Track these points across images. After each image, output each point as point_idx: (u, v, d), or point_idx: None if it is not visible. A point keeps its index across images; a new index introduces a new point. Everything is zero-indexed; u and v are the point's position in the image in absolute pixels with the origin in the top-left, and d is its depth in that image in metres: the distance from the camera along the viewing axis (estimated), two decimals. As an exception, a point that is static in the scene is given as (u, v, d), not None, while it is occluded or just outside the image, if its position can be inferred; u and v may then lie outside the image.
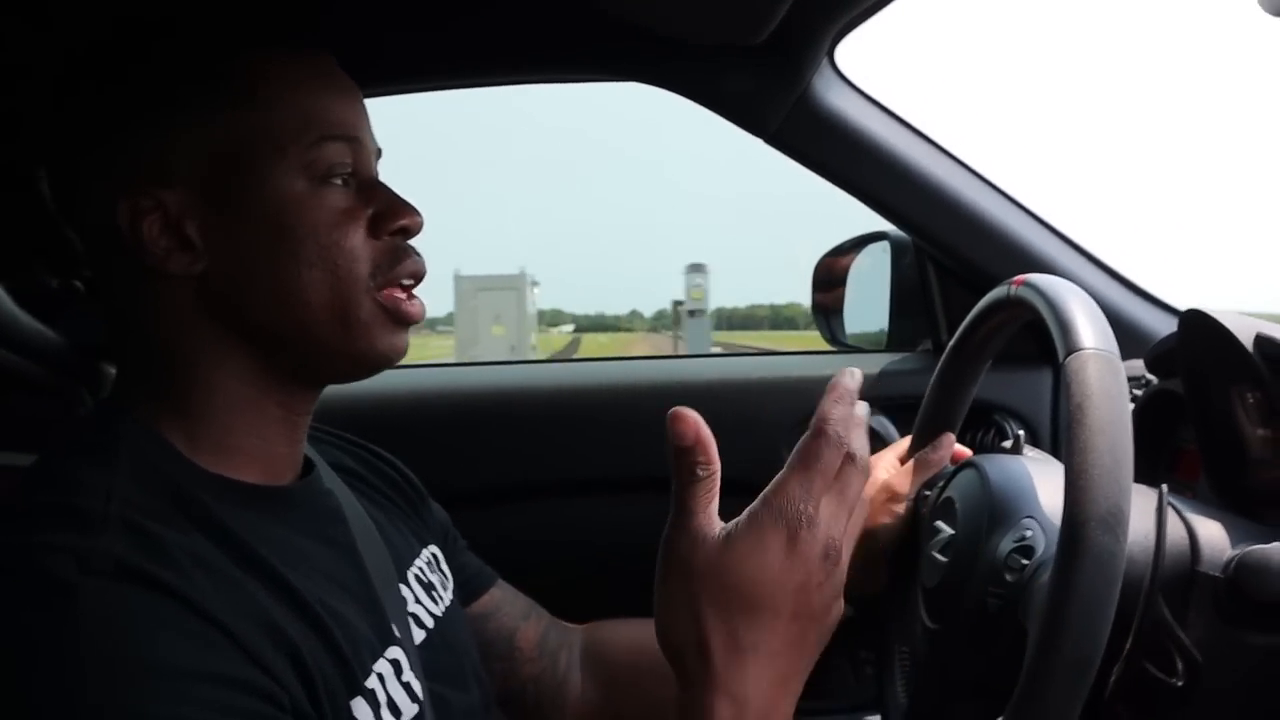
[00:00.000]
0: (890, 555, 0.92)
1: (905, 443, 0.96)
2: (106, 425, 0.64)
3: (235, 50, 0.66)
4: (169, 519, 0.58)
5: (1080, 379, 0.61)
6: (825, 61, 1.07)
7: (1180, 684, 0.64)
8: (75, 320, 1.18)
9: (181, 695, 0.52)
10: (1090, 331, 0.64)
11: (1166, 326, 1.07)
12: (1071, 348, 0.63)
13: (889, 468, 0.95)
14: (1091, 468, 0.58)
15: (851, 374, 0.59)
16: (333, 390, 0.70)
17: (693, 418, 0.55)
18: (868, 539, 0.93)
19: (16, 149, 0.97)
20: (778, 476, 0.57)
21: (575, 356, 1.42)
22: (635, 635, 0.96)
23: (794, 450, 0.57)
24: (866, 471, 0.59)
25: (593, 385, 1.33)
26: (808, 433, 0.57)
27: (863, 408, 0.60)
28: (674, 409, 0.56)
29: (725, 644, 0.55)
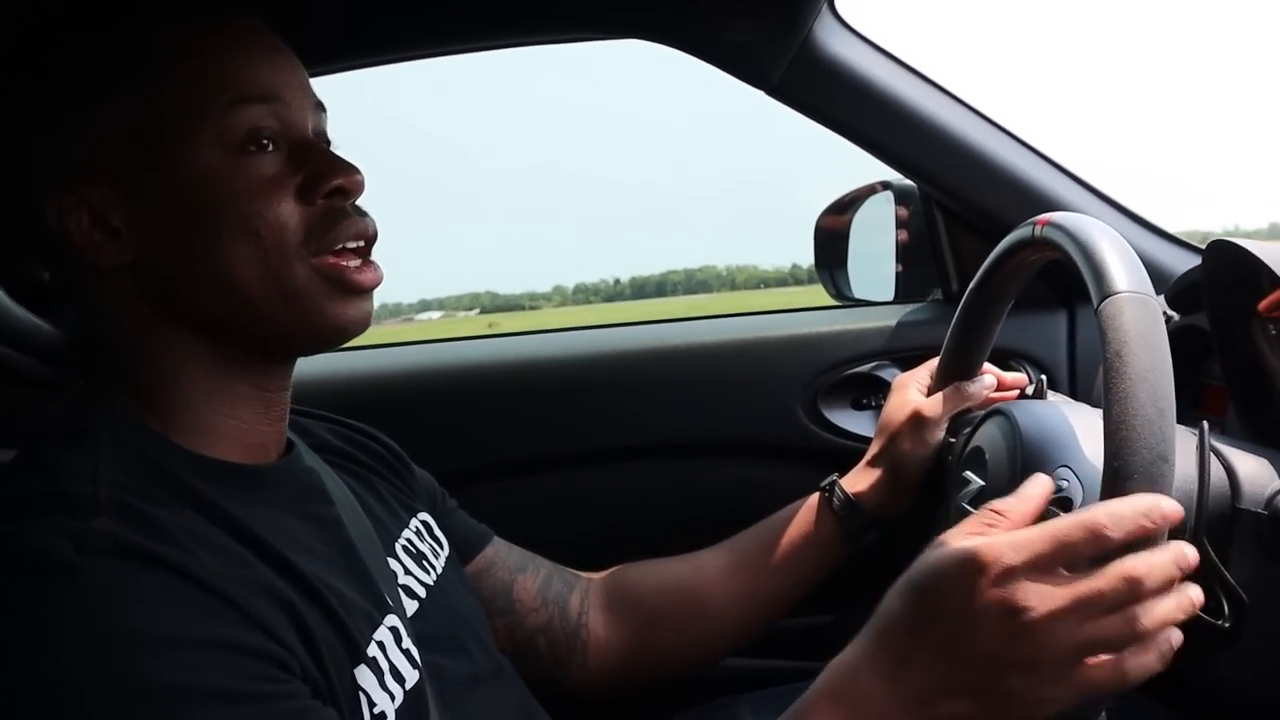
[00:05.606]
0: (915, 482, 0.93)
1: (934, 361, 0.96)
2: (83, 413, 0.62)
3: (147, 30, 0.63)
4: (157, 499, 0.57)
5: (1117, 324, 0.59)
6: (826, 7, 1.04)
7: (1227, 625, 0.63)
8: (68, 312, 1.16)
9: (191, 664, 0.51)
10: (1125, 274, 0.62)
11: (1186, 266, 1.05)
12: (1106, 291, 0.61)
13: (920, 389, 0.95)
14: (1133, 417, 0.56)
15: (1172, 506, 0.54)
16: (326, 371, 0.67)
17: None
18: (894, 467, 0.93)
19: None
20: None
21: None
22: (665, 572, 0.96)
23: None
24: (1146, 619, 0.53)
25: (597, 353, 1.31)
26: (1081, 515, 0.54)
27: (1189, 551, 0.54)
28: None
29: (883, 630, 0.57)
